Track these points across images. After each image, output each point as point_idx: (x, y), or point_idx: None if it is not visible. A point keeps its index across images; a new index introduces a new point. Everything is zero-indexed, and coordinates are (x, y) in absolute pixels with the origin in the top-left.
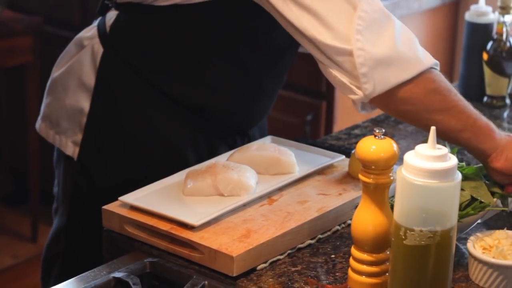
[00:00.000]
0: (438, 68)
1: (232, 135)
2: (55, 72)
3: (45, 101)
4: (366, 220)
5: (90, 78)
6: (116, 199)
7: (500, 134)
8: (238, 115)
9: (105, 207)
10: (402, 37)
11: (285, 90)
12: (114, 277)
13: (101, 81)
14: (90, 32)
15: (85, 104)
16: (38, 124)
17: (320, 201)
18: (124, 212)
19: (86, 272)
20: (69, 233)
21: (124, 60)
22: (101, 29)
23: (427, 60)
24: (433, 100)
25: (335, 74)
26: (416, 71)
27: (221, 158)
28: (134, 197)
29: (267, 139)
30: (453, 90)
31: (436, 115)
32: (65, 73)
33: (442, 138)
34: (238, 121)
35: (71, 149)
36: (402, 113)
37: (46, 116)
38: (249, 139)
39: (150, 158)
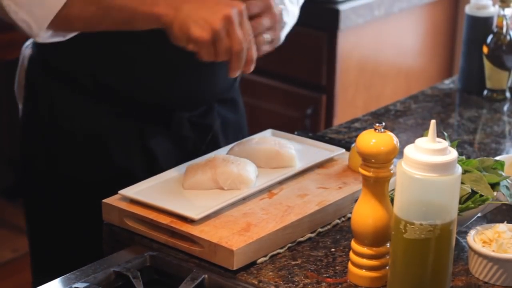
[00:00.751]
0: None
1: (169, 119)
2: (15, 87)
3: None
4: (366, 213)
5: (23, 82)
6: (54, 197)
7: (170, 7)
8: (151, 93)
9: (105, 200)
10: None
11: (285, 83)
12: (114, 271)
13: (27, 83)
14: (30, 40)
15: None
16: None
17: (320, 194)
18: (124, 205)
19: (86, 266)
20: (29, 237)
21: (43, 57)
22: None
23: None
24: (89, 12)
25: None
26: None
27: (222, 152)
28: (134, 191)
29: (267, 133)
30: None
31: (97, 23)
32: (16, 84)
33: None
34: (158, 101)
35: None
36: (81, 29)
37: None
38: (200, 128)
39: (75, 151)
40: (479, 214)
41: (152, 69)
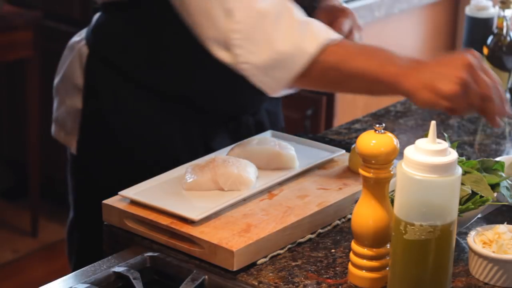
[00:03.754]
0: (334, 38)
1: (230, 121)
2: (56, 78)
3: (54, 105)
4: (367, 214)
5: (80, 79)
6: (114, 194)
7: (412, 72)
8: (224, 100)
9: (105, 201)
10: (282, 32)
11: None
12: (114, 272)
13: (88, 81)
14: (80, 36)
15: (80, 104)
16: (52, 129)
17: (320, 195)
18: (124, 206)
19: (86, 267)
20: (77, 227)
21: (105, 58)
22: (87, 31)
23: (312, 46)
24: (329, 77)
25: None
26: (302, 64)
27: (221, 153)
28: (134, 192)
29: (267, 134)
30: (351, 55)
31: (339, 87)
32: (62, 78)
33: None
34: (228, 107)
35: (75, 148)
36: (310, 91)
37: (56, 120)
38: (255, 126)
39: (142, 152)
40: (479, 215)
41: (225, 77)
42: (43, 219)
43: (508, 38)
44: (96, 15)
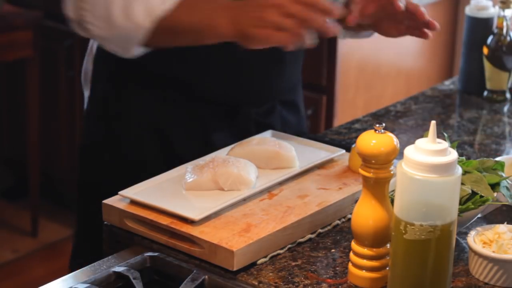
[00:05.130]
0: (166, 9)
1: (233, 116)
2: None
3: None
4: (367, 214)
5: (90, 68)
6: (113, 191)
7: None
8: (221, 87)
9: (105, 201)
10: (117, 8)
11: None
12: (114, 272)
13: (94, 69)
14: None
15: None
16: None
17: (320, 195)
18: (124, 206)
19: (86, 267)
20: (76, 228)
21: None
22: None
23: (147, 20)
24: (166, 39)
25: None
26: (139, 37)
27: (221, 152)
28: (134, 191)
29: (267, 134)
30: (178, 15)
31: (176, 43)
32: (84, 72)
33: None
34: (227, 96)
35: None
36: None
37: None
38: (256, 123)
39: (142, 143)
40: (479, 215)
41: (225, 64)
42: (43, 219)
43: (508, 38)
44: None
